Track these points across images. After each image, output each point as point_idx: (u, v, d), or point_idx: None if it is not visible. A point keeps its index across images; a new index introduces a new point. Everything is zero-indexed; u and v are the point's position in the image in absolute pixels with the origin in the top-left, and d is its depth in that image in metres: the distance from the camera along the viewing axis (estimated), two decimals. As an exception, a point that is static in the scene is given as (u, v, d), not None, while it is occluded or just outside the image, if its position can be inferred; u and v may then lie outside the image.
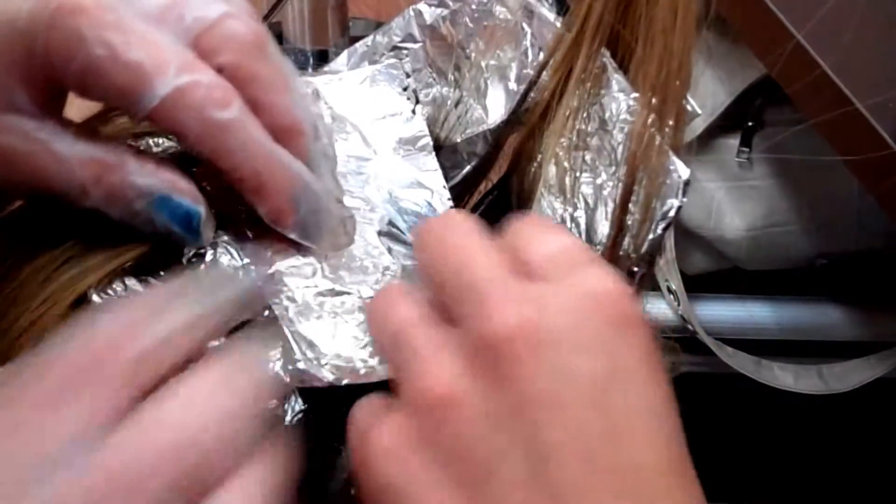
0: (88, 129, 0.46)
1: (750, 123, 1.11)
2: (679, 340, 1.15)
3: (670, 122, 0.53)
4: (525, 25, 0.58)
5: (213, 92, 0.43)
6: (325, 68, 0.61)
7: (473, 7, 0.59)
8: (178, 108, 0.43)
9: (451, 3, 0.60)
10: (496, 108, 0.58)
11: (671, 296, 1.15)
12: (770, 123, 1.11)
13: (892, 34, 0.86)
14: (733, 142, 1.13)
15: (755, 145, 1.12)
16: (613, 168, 0.54)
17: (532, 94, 0.57)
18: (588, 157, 0.55)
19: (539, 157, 0.57)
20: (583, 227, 0.55)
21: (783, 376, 1.19)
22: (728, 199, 1.15)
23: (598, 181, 0.54)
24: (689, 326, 1.15)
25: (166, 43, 0.43)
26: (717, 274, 1.22)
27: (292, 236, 0.48)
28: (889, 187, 0.81)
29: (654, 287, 1.14)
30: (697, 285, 1.18)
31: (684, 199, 0.52)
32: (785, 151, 1.11)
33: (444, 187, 0.55)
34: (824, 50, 0.80)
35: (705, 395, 1.08)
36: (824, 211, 1.13)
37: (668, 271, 1.13)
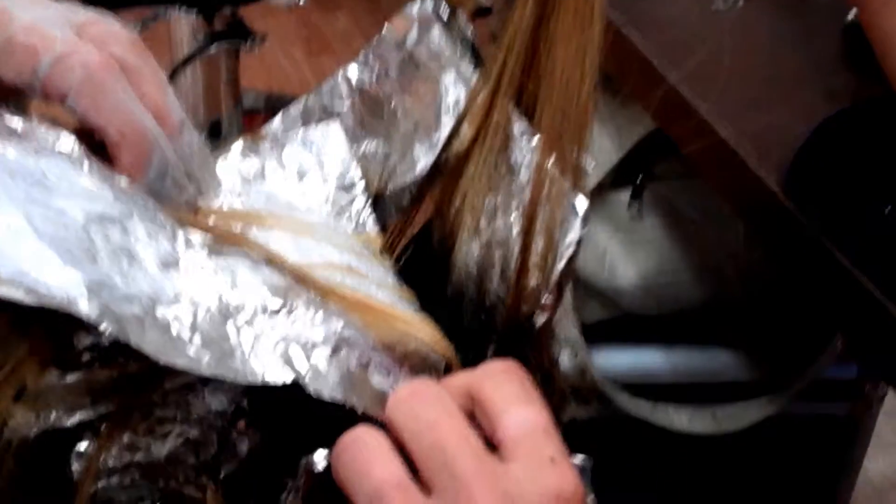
0: None
1: (640, 178, 1.16)
2: (579, 387, 1.19)
3: (571, 162, 0.57)
4: (445, 80, 0.62)
5: (92, 56, 0.52)
6: (263, 131, 0.65)
7: (396, 67, 0.63)
8: (64, 70, 0.51)
9: (375, 65, 0.64)
10: (421, 160, 0.62)
11: (569, 344, 1.19)
12: (660, 177, 1.16)
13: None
14: (624, 196, 1.18)
15: (645, 198, 1.16)
16: (521, 207, 0.58)
17: (454, 144, 0.61)
18: (499, 200, 0.59)
19: (457, 202, 0.61)
20: (498, 266, 0.59)
21: (678, 419, 1.24)
22: (620, 251, 1.20)
23: (509, 221, 0.58)
24: (588, 374, 1.19)
25: (54, 30, 0.52)
26: (613, 321, 1.26)
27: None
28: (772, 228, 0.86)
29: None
30: (593, 333, 1.22)
31: (584, 231, 0.56)
32: (673, 204, 1.17)
33: None
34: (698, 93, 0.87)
35: (606, 439, 1.13)
36: (712, 260, 1.19)
37: (565, 321, 1.17)
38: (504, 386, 0.48)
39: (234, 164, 0.63)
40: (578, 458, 0.49)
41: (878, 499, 1.76)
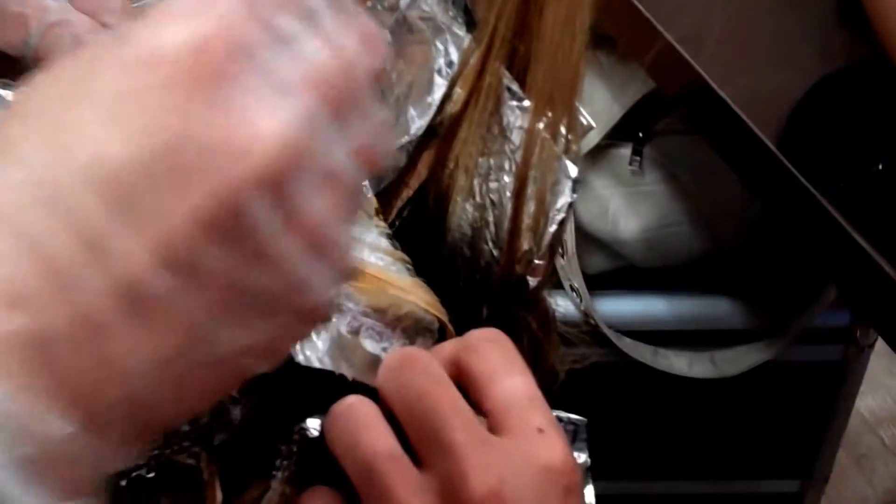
0: None
1: (640, 134, 1.17)
2: (582, 333, 1.21)
3: (562, 127, 0.58)
4: (438, 43, 0.63)
5: (84, 26, 0.52)
6: None
7: (389, 30, 0.64)
8: (54, 40, 0.51)
9: None
10: (416, 122, 0.63)
11: (574, 293, 1.20)
12: (660, 133, 1.18)
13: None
14: (626, 151, 1.19)
15: (646, 154, 1.18)
16: (513, 170, 0.59)
17: (447, 106, 0.62)
18: (492, 162, 0.60)
19: (451, 164, 0.62)
20: (492, 227, 0.60)
21: (678, 363, 1.26)
22: (623, 204, 1.21)
23: (502, 183, 0.59)
24: (591, 321, 1.21)
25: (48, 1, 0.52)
26: (615, 272, 1.28)
27: None
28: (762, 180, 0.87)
29: (558, 285, 1.20)
30: (597, 283, 1.24)
31: (575, 196, 0.56)
32: (673, 159, 1.18)
33: None
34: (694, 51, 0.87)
35: (608, 383, 1.15)
36: (711, 213, 1.20)
37: (570, 271, 1.19)
38: (491, 355, 0.48)
39: None
40: (572, 419, 0.49)
41: (869, 433, 1.80)
